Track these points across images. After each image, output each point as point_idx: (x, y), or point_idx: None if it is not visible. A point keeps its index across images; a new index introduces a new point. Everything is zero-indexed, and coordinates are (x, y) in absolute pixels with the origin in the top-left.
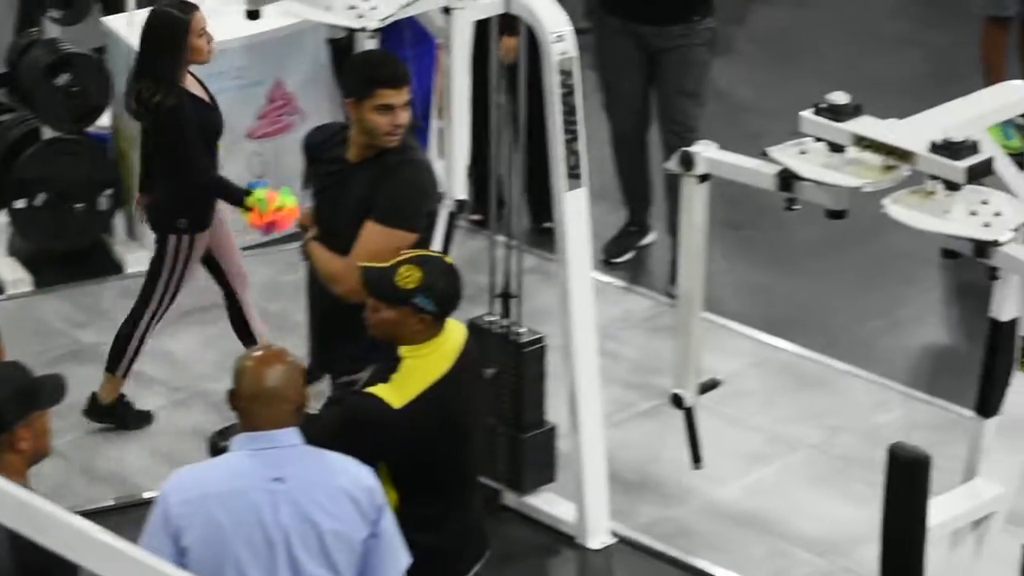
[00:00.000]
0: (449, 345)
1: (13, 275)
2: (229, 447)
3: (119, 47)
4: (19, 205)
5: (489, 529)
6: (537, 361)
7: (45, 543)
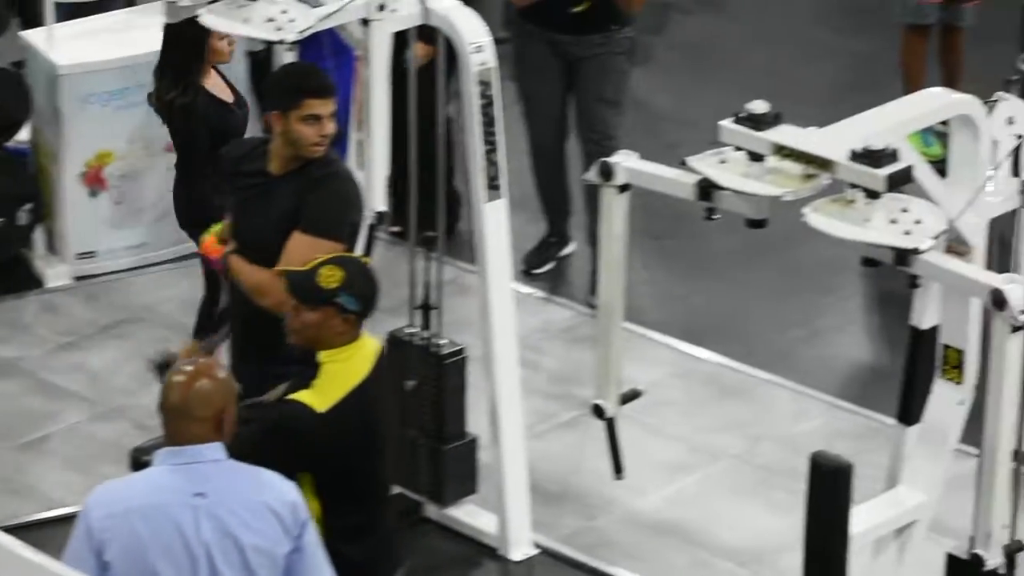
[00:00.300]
0: (366, 350)
1: None
2: (152, 461)
3: (38, 61)
4: None
5: (409, 541)
6: (458, 373)
7: None
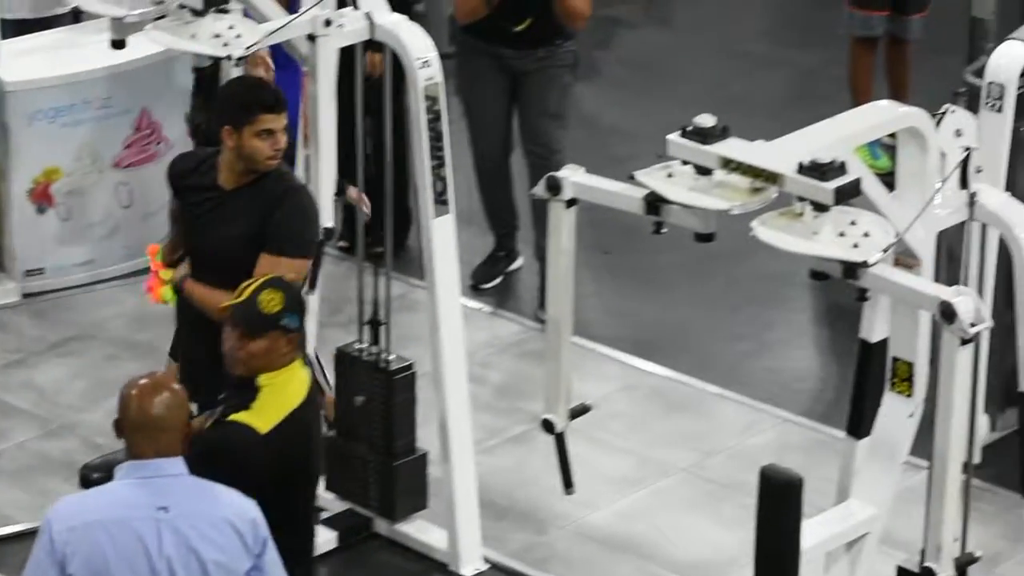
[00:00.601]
0: (301, 374)
1: None
2: (115, 475)
3: None
4: None
5: (359, 557)
6: (407, 388)
7: None
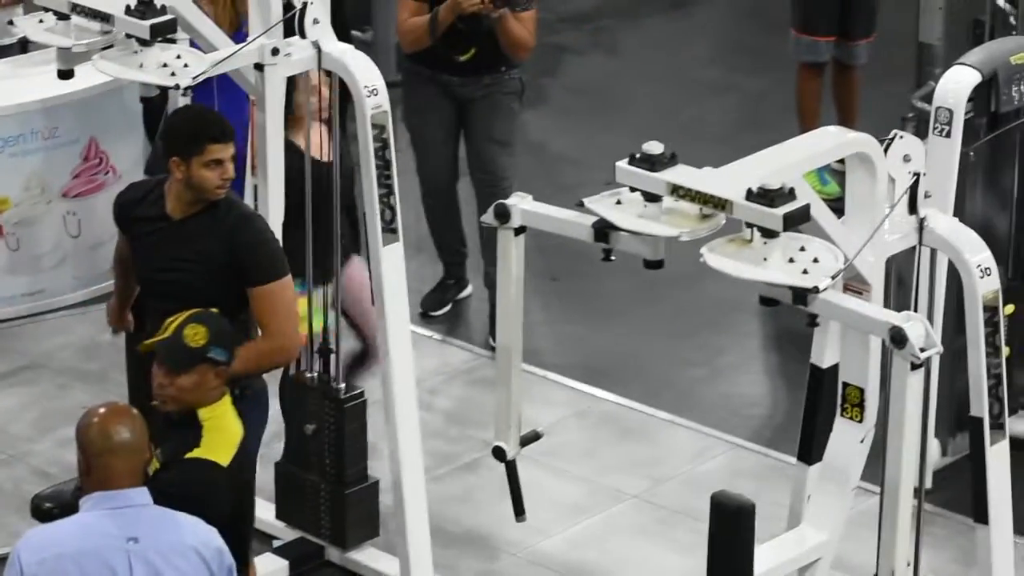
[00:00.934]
0: (231, 404)
1: None
2: (80, 506)
3: None
4: None
5: None
6: (357, 416)
7: None
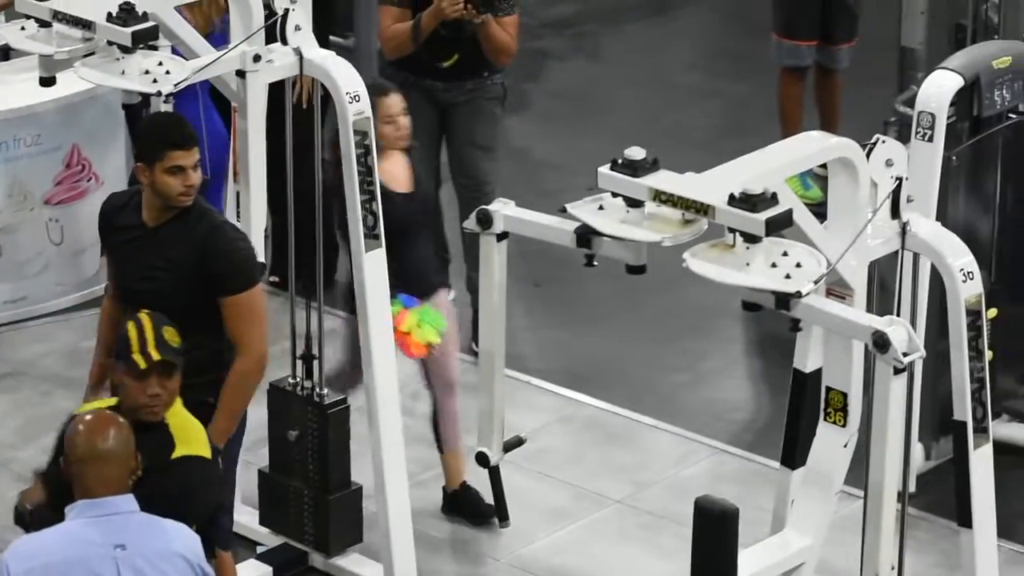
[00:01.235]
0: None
1: None
2: (66, 514)
3: None
4: None
5: None
6: (341, 422)
7: None
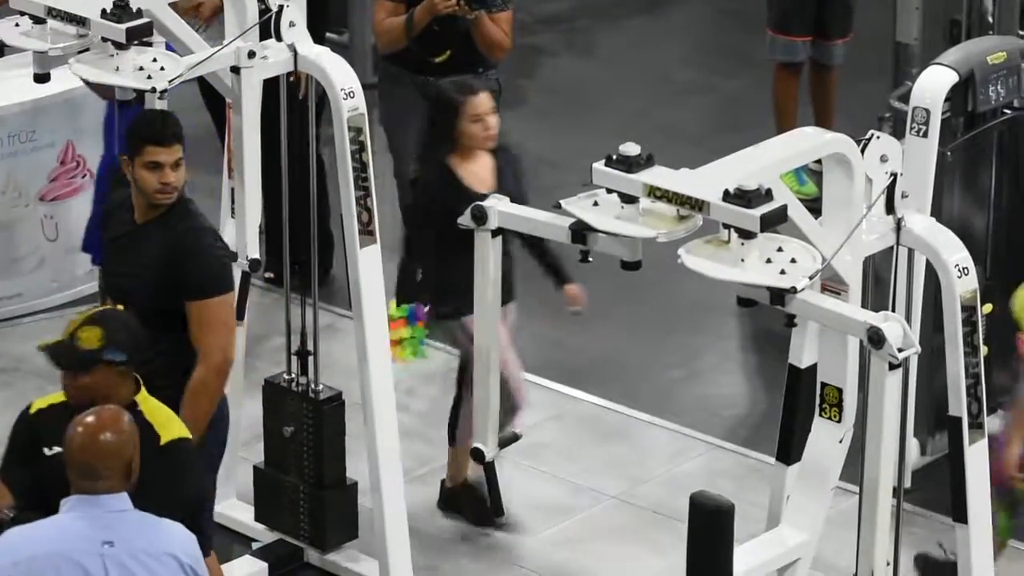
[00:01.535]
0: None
1: None
2: (60, 507)
3: None
4: None
5: None
6: (336, 418)
7: None
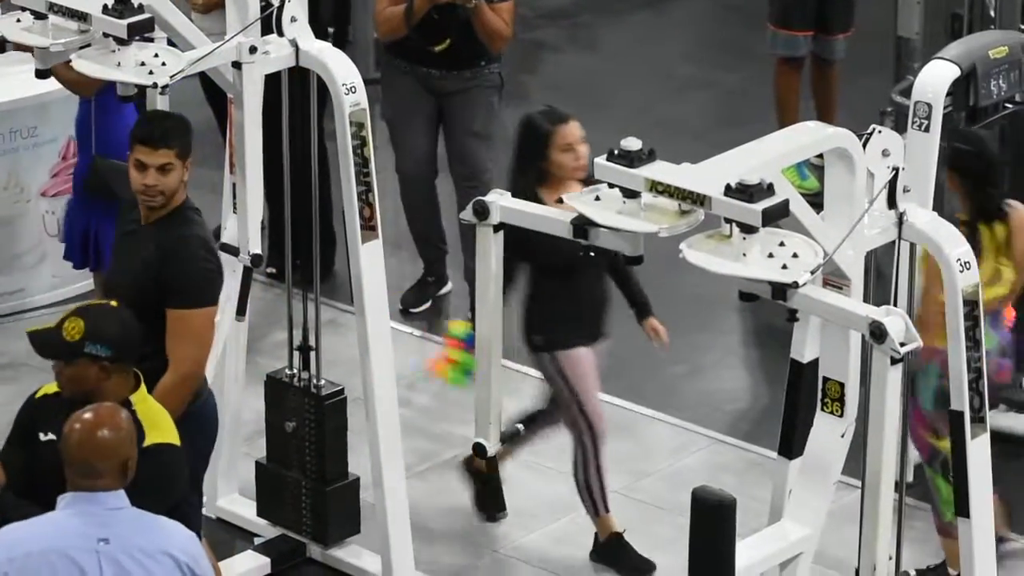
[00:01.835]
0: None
1: None
2: (57, 503)
3: None
4: None
5: None
6: (338, 413)
7: None
